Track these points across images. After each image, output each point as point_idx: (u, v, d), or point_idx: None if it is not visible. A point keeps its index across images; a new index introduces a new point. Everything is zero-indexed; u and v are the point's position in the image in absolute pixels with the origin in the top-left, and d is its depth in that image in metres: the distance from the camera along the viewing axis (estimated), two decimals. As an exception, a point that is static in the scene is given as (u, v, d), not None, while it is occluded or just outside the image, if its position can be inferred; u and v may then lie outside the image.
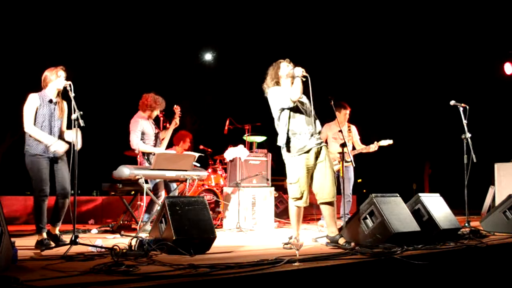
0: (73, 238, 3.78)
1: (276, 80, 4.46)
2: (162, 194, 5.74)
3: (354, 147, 6.54)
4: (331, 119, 6.31)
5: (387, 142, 6.29)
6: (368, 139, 6.52)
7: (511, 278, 4.31)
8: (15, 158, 4.48)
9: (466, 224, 5.49)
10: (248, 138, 7.21)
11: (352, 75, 13.95)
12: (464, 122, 5.75)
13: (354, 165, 5.96)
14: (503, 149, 10.77)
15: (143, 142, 5.74)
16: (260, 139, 7.30)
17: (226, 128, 7.37)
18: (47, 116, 4.36)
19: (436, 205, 4.89)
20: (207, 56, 12.43)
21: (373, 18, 12.74)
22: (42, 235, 4.25)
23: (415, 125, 15.94)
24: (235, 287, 2.83)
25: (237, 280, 2.84)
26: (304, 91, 4.34)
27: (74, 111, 4.02)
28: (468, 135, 5.74)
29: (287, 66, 4.45)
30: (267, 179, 6.78)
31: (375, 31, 13.09)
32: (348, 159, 5.65)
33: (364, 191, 16.42)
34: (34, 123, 4.29)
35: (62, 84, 4.35)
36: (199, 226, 3.97)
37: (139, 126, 5.71)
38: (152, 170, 5.31)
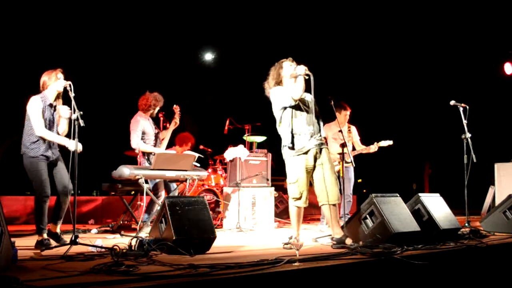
0: (73, 238, 3.78)
1: (278, 80, 4.42)
2: (162, 194, 5.74)
3: (354, 147, 6.53)
4: (331, 119, 6.31)
5: (387, 143, 6.28)
6: (368, 140, 6.52)
7: (511, 278, 4.32)
8: (15, 158, 4.48)
9: (466, 224, 5.49)
10: (248, 138, 7.21)
11: (352, 76, 13.95)
12: (464, 122, 5.75)
13: (354, 165, 5.96)
14: (503, 149, 10.77)
15: (143, 141, 5.74)
16: (260, 139, 7.30)
17: (226, 128, 7.37)
18: (48, 121, 4.38)
19: (436, 205, 4.89)
20: (207, 56, 12.43)
21: (373, 18, 12.74)
22: (42, 235, 4.25)
23: (415, 125, 15.93)
24: (235, 287, 2.83)
25: (237, 280, 2.84)
26: (307, 90, 4.30)
27: (74, 111, 4.03)
28: (468, 135, 5.74)
29: (290, 65, 4.38)
30: (267, 179, 6.78)
31: (375, 31, 13.08)
32: (348, 159, 5.65)
33: (364, 191, 16.43)
34: (30, 128, 4.29)
35: (61, 86, 4.35)
36: (199, 226, 3.97)
37: (140, 126, 5.71)
38: (152, 170, 5.31)
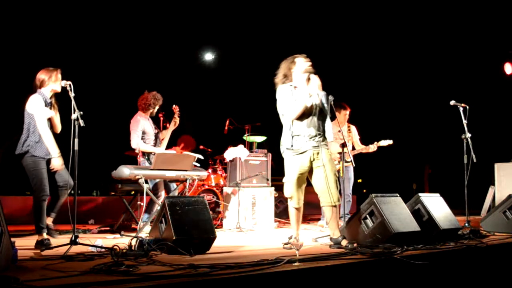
0: (73, 238, 3.78)
1: (288, 73, 4.35)
2: (162, 194, 5.74)
3: (353, 147, 6.54)
4: (331, 119, 6.31)
5: (387, 143, 6.29)
6: (368, 140, 6.52)
7: (511, 278, 4.32)
8: (15, 158, 4.49)
9: (466, 224, 5.49)
10: (248, 138, 7.21)
11: (352, 76, 13.95)
12: (464, 122, 5.75)
13: (354, 165, 5.96)
14: (503, 149, 10.77)
15: (144, 141, 5.74)
16: (260, 139, 7.30)
17: (226, 128, 7.37)
18: (48, 119, 4.41)
19: (436, 205, 4.89)
20: (207, 56, 12.42)
21: (373, 18, 12.73)
22: (42, 235, 4.25)
23: (415, 125, 15.92)
24: (235, 287, 2.83)
25: (237, 280, 2.84)
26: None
27: (74, 111, 4.03)
28: (468, 135, 5.74)
29: (304, 61, 4.34)
30: (267, 179, 6.78)
31: (375, 31, 13.08)
32: (348, 159, 5.66)
33: (364, 191, 16.42)
34: (30, 127, 4.33)
35: (60, 87, 4.39)
36: (199, 226, 3.97)
37: (140, 126, 5.71)
38: (152, 170, 5.31)
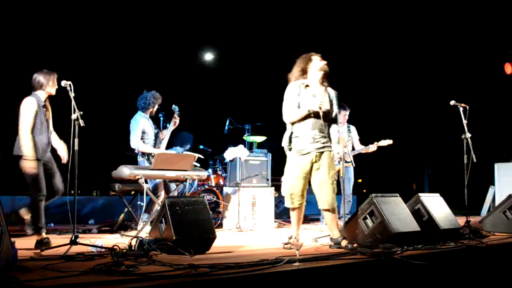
0: (73, 238, 3.78)
1: (306, 70, 4.38)
2: (162, 194, 5.74)
3: (353, 147, 6.54)
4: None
5: (386, 142, 6.29)
6: (368, 140, 6.52)
7: (511, 278, 4.32)
8: (14, 158, 4.51)
9: (466, 224, 5.49)
10: (248, 138, 7.21)
11: (352, 76, 13.94)
12: (464, 122, 5.75)
13: (354, 165, 5.97)
14: (503, 149, 10.76)
15: (143, 141, 5.73)
16: (260, 139, 7.30)
17: (226, 128, 7.37)
18: (43, 121, 4.47)
19: (436, 205, 4.89)
20: (207, 56, 12.40)
21: (373, 18, 12.73)
22: (41, 234, 4.27)
23: (415, 125, 15.93)
24: (235, 287, 2.83)
25: (237, 280, 2.84)
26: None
27: (74, 111, 4.03)
28: (468, 135, 5.73)
29: (319, 60, 4.39)
30: (267, 179, 6.78)
31: (375, 31, 13.08)
32: (348, 159, 5.66)
33: (364, 191, 16.41)
34: (33, 129, 4.36)
35: (55, 90, 4.50)
36: (199, 226, 3.97)
37: (140, 126, 5.71)
38: (152, 170, 5.30)
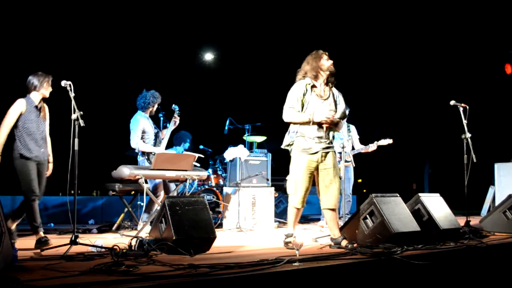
0: (73, 238, 3.78)
1: (313, 68, 4.33)
2: (161, 194, 5.74)
3: (353, 147, 6.54)
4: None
5: (386, 142, 6.29)
6: (368, 140, 6.52)
7: (511, 278, 4.32)
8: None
9: (466, 224, 5.48)
10: (248, 138, 7.21)
11: (352, 75, 13.95)
12: (464, 122, 5.75)
13: (354, 165, 5.97)
14: (503, 149, 10.76)
15: (143, 141, 5.74)
16: (260, 139, 7.30)
17: (226, 128, 7.37)
18: (35, 122, 4.50)
19: (436, 205, 4.89)
20: (207, 56, 12.40)
21: (373, 18, 12.73)
22: (39, 233, 4.31)
23: (415, 125, 15.93)
24: (235, 287, 2.83)
25: (237, 280, 2.84)
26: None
27: (74, 111, 4.03)
28: (468, 135, 5.74)
29: (327, 60, 4.36)
30: (267, 179, 6.78)
31: (375, 31, 13.08)
32: (348, 159, 5.66)
33: (364, 191, 16.40)
34: (18, 130, 4.43)
35: (48, 93, 4.56)
36: (199, 226, 3.97)
37: (140, 125, 5.71)
38: (152, 170, 5.31)
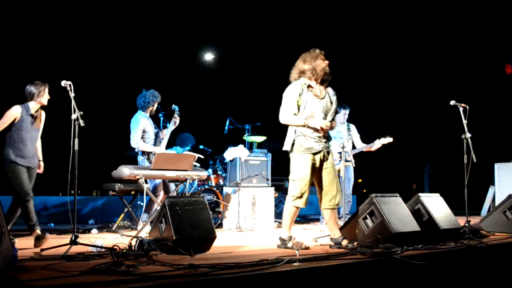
0: (73, 238, 3.78)
1: (310, 67, 4.26)
2: (161, 194, 5.75)
3: (354, 146, 6.55)
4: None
5: (387, 140, 6.29)
6: (368, 140, 6.52)
7: (511, 278, 4.32)
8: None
9: (466, 224, 5.48)
10: (248, 138, 7.21)
11: (352, 75, 13.95)
12: (464, 122, 5.74)
13: (354, 165, 5.97)
14: (503, 149, 10.76)
15: (144, 140, 5.74)
16: (260, 139, 7.30)
17: (226, 128, 7.37)
18: (29, 129, 4.66)
19: (436, 205, 4.89)
20: (207, 56, 12.41)
21: (373, 18, 12.74)
22: (35, 231, 4.40)
23: (415, 125, 15.94)
24: (235, 287, 2.83)
25: (237, 280, 2.84)
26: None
27: (74, 111, 4.03)
28: (468, 135, 5.73)
29: (323, 61, 4.30)
30: (267, 179, 6.78)
31: (375, 31, 13.08)
32: (348, 158, 5.66)
33: (364, 191, 16.41)
34: (11, 136, 4.59)
35: (46, 101, 4.69)
36: (199, 226, 3.97)
37: (140, 125, 5.71)
38: (152, 170, 5.31)
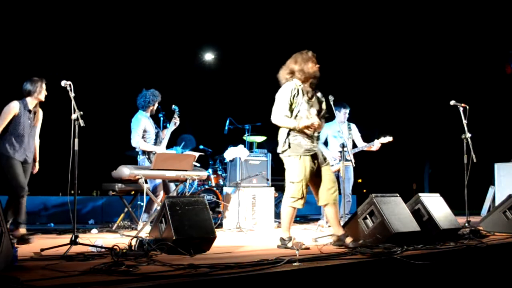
0: (73, 238, 3.78)
1: (302, 71, 4.25)
2: (161, 194, 5.75)
3: (355, 145, 6.56)
4: (330, 118, 6.32)
5: (387, 139, 6.30)
6: (368, 140, 6.52)
7: (511, 278, 4.32)
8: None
9: (466, 224, 5.49)
10: (248, 138, 7.21)
11: (353, 74, 13.96)
12: (464, 122, 5.75)
13: (354, 165, 5.97)
14: (503, 149, 10.77)
15: (144, 140, 5.75)
16: (260, 139, 7.30)
17: (226, 128, 7.37)
18: (26, 125, 4.66)
19: (436, 205, 4.89)
20: (207, 56, 12.42)
21: (374, 17, 12.75)
22: (19, 230, 4.49)
23: (415, 125, 15.95)
24: (235, 287, 2.83)
25: (237, 280, 2.84)
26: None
27: (74, 111, 4.03)
28: (468, 135, 5.74)
29: (314, 64, 4.29)
30: (267, 179, 6.78)
31: (376, 30, 13.09)
32: (349, 158, 5.66)
33: (364, 191, 16.42)
34: (8, 130, 4.58)
35: (43, 96, 4.69)
36: (199, 226, 3.97)
37: (141, 124, 5.72)
38: (152, 170, 5.31)
